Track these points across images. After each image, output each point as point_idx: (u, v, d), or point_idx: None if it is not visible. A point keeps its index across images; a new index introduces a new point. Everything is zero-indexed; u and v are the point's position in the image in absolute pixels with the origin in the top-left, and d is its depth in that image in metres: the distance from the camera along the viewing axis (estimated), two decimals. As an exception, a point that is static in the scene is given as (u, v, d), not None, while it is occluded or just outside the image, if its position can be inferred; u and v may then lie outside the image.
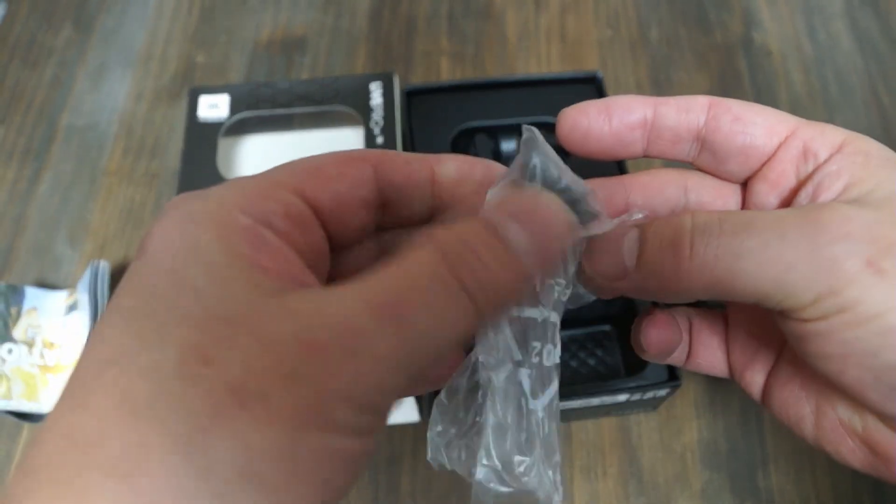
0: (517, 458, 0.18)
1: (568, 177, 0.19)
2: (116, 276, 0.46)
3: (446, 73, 0.55)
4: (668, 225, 0.18)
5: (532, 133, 0.19)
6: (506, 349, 0.18)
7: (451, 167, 0.19)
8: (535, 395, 0.18)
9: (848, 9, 0.58)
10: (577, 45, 0.57)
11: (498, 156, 0.45)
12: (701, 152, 0.21)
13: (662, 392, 0.38)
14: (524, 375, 0.18)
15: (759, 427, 0.41)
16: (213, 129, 0.47)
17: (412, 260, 0.15)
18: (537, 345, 0.19)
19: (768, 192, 0.20)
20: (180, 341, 0.14)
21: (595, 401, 0.37)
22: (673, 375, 0.37)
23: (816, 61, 0.55)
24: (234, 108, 0.48)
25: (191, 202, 0.16)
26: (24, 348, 0.41)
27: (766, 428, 0.41)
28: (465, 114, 0.45)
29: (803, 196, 0.20)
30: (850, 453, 0.20)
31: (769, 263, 0.17)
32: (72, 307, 0.43)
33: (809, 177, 0.19)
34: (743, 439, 0.41)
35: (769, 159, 0.20)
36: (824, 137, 0.20)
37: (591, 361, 0.41)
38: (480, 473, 0.18)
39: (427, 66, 0.56)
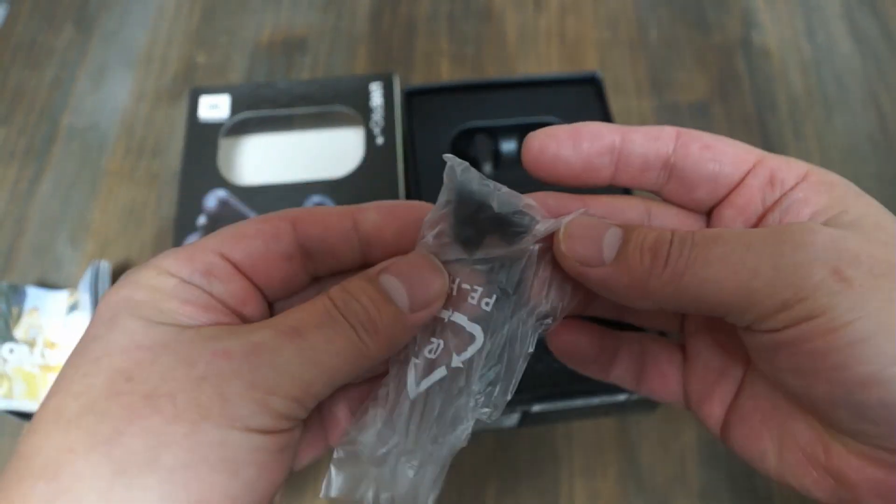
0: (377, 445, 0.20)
1: (501, 193, 0.20)
2: (117, 275, 0.46)
3: (446, 73, 0.55)
4: (653, 231, 0.19)
5: (449, 164, 0.20)
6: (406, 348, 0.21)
7: (372, 216, 0.21)
8: (416, 384, 0.20)
9: (847, 10, 0.58)
10: (577, 46, 0.57)
11: (498, 156, 0.45)
12: (669, 181, 0.21)
13: None
14: (411, 367, 0.20)
15: (758, 427, 0.41)
16: (214, 129, 0.47)
17: (311, 304, 0.19)
18: (434, 341, 0.20)
19: (735, 218, 0.21)
20: (109, 367, 0.17)
21: (595, 400, 0.37)
22: None
23: (815, 62, 0.56)
24: (235, 108, 0.48)
25: (131, 272, 0.20)
26: (26, 348, 0.41)
27: (765, 427, 0.41)
28: (465, 114, 0.45)
29: (771, 221, 0.20)
30: (815, 484, 0.19)
31: (734, 271, 0.17)
32: (73, 307, 0.43)
33: (777, 202, 0.20)
34: (742, 439, 0.41)
35: (737, 186, 0.20)
36: (790, 167, 0.20)
37: None
38: (338, 453, 0.20)
39: (427, 66, 0.56)
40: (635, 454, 0.41)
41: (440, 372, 0.20)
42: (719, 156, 0.20)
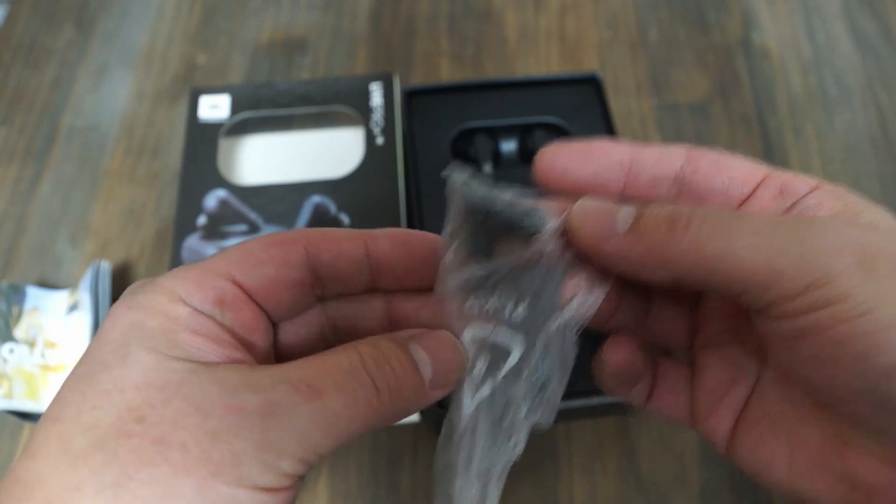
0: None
1: (507, 197, 0.20)
2: (118, 276, 0.46)
3: (446, 73, 0.56)
4: (667, 206, 0.19)
5: (450, 179, 0.20)
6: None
7: (385, 245, 0.21)
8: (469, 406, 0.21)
9: (846, 10, 0.58)
10: (577, 46, 0.57)
11: (498, 155, 0.45)
12: (679, 196, 0.21)
13: None
14: (466, 392, 0.21)
15: (758, 426, 0.41)
16: (214, 129, 0.47)
17: (334, 356, 0.18)
18: (476, 363, 0.21)
19: None
20: (120, 404, 0.17)
21: (595, 400, 0.37)
22: None
23: (815, 62, 0.56)
24: (235, 108, 0.48)
25: (142, 292, 0.19)
26: (26, 348, 0.41)
27: (765, 427, 0.41)
28: (465, 114, 0.45)
29: None
30: (828, 492, 0.19)
31: (761, 247, 0.17)
32: (73, 307, 0.43)
33: (790, 209, 0.20)
34: (742, 438, 0.41)
35: (748, 198, 0.21)
36: (800, 179, 0.20)
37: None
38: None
39: (427, 66, 0.56)
40: (635, 453, 0.41)
41: (486, 390, 0.20)
42: (729, 171, 0.21)
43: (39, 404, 0.40)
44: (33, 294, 0.43)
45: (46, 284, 0.46)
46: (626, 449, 0.41)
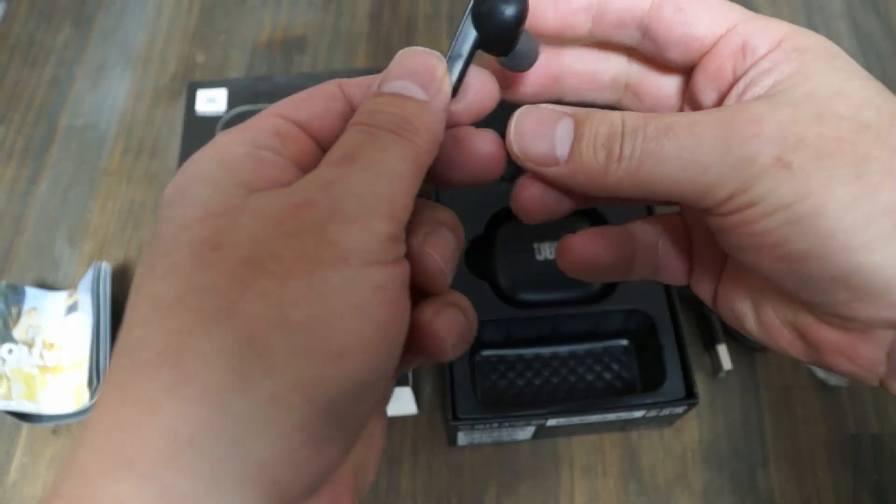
0: None
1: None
2: (116, 276, 0.46)
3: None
4: (603, 123, 0.19)
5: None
6: None
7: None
8: None
9: (849, 9, 0.58)
10: (578, 45, 0.57)
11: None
12: (643, 39, 0.22)
13: (679, 409, 0.37)
14: None
15: (759, 427, 0.41)
16: (211, 122, 0.47)
17: (343, 137, 0.19)
18: None
19: (706, 84, 0.21)
20: (189, 240, 0.16)
21: (611, 416, 0.37)
22: (690, 393, 0.37)
23: (817, 61, 0.55)
24: (232, 102, 0.48)
25: (199, 151, 0.19)
26: (25, 349, 0.41)
27: (766, 428, 0.41)
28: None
29: (734, 93, 0.20)
30: (790, 345, 0.21)
31: (686, 167, 0.18)
32: (72, 308, 0.43)
33: (745, 72, 0.20)
34: (743, 439, 0.41)
35: (708, 52, 0.21)
36: (765, 33, 0.20)
37: (608, 376, 0.41)
38: None
39: (427, 65, 0.56)
40: (636, 454, 0.41)
41: None
42: (691, 19, 0.20)
43: (38, 405, 0.40)
44: (32, 294, 0.43)
45: (44, 284, 0.46)
46: (627, 451, 0.41)
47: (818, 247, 0.17)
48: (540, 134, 0.20)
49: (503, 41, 0.21)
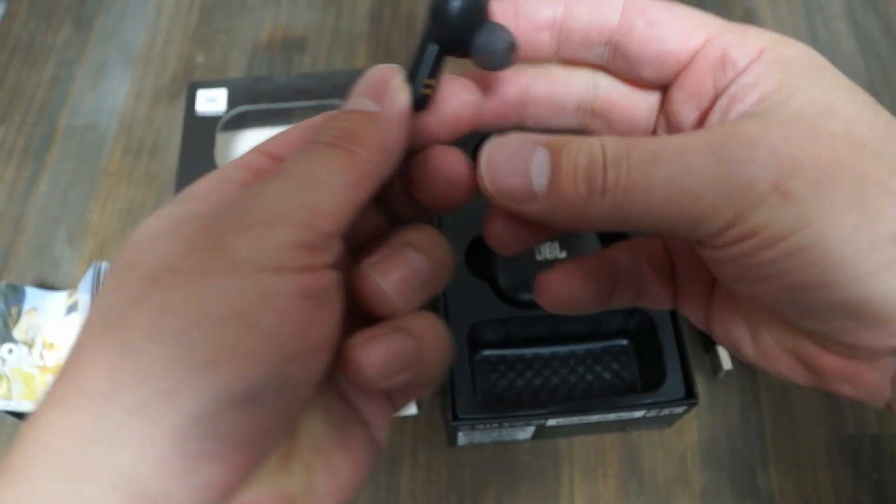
0: None
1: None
2: (116, 276, 0.46)
3: (446, 72, 0.55)
4: (581, 152, 0.17)
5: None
6: None
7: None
8: None
9: (849, 9, 0.58)
10: (578, 45, 0.57)
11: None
12: (614, 58, 0.20)
13: (679, 409, 0.37)
14: None
15: (759, 427, 0.41)
16: (211, 123, 0.47)
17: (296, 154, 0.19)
18: None
19: (685, 102, 0.19)
20: (118, 265, 0.17)
21: (611, 416, 0.37)
22: (690, 393, 0.37)
23: (816, 61, 0.55)
24: (232, 102, 0.48)
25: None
26: (25, 349, 0.41)
27: (766, 428, 0.41)
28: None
29: (717, 109, 0.19)
30: (789, 370, 0.20)
31: (676, 197, 0.16)
32: (72, 308, 0.43)
33: (726, 87, 0.18)
34: (743, 439, 0.41)
35: (685, 67, 0.19)
36: (745, 44, 0.18)
37: (607, 375, 0.41)
38: None
39: (427, 65, 0.56)
40: (636, 454, 0.41)
41: None
42: (666, 33, 0.19)
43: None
44: (32, 294, 0.43)
45: (44, 284, 0.46)
46: (627, 451, 0.41)
47: (821, 277, 0.16)
48: (514, 167, 0.18)
49: (457, 37, 0.20)
